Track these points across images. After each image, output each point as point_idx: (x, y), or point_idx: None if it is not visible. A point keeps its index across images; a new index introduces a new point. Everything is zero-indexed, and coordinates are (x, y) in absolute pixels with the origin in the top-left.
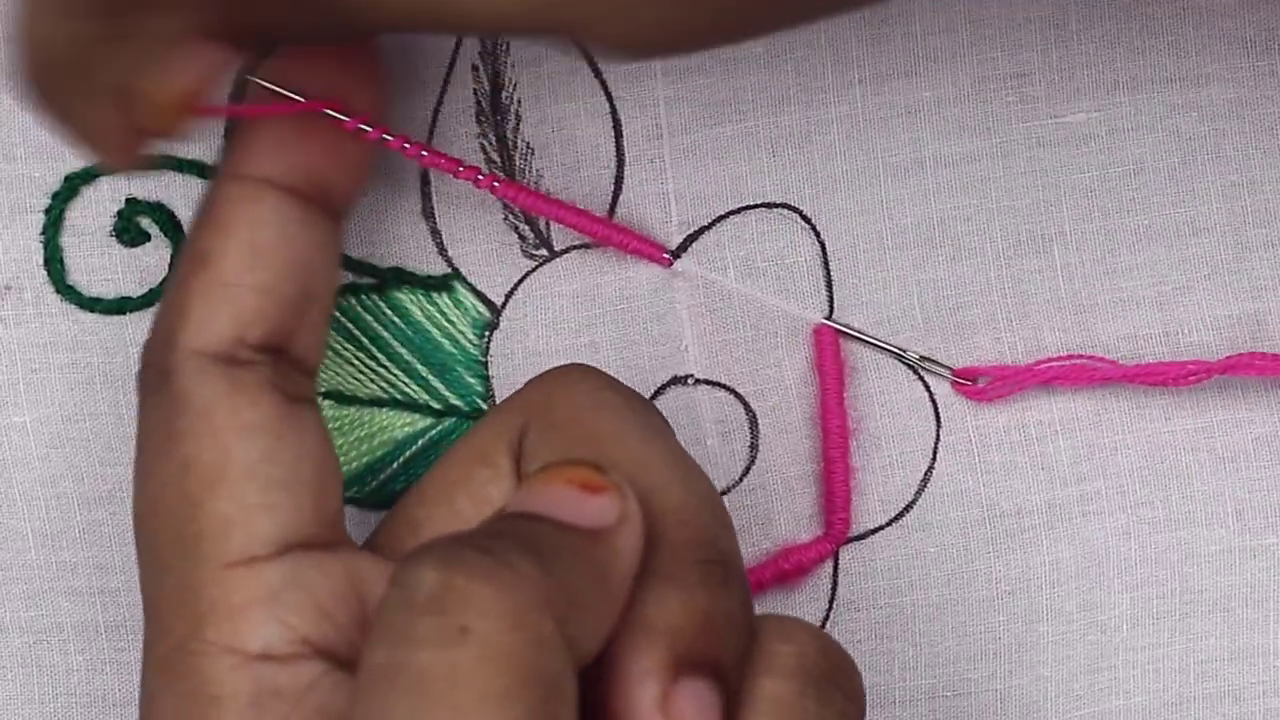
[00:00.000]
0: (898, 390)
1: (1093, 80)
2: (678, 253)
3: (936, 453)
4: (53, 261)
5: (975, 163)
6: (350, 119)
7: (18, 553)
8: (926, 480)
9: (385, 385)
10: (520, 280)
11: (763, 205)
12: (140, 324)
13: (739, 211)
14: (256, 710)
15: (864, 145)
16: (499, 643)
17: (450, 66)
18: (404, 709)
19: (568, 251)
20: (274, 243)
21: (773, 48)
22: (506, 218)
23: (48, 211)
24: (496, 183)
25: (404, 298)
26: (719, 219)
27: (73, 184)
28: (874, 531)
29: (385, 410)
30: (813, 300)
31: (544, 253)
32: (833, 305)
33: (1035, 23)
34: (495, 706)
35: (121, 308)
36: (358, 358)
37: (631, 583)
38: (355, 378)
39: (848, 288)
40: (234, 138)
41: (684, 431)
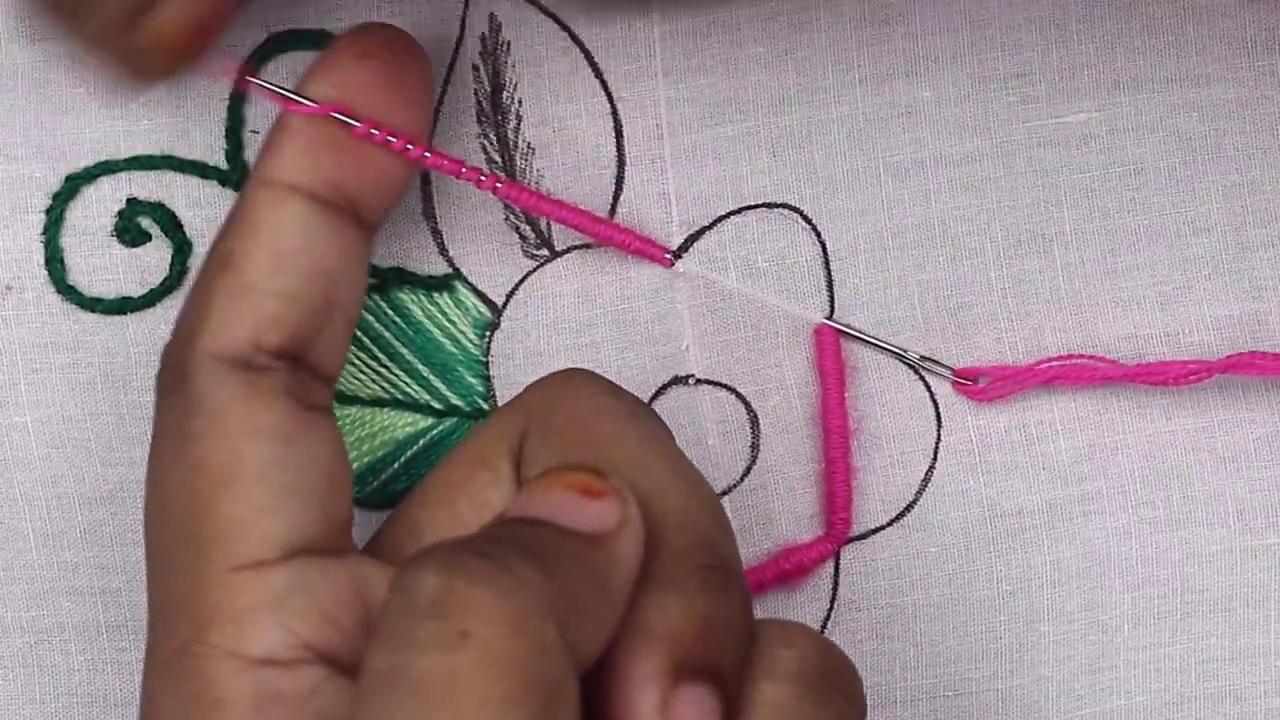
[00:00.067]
0: (898, 390)
1: (1093, 80)
2: (679, 253)
3: (937, 452)
4: (53, 261)
5: (976, 163)
6: (360, 124)
7: (19, 553)
8: (927, 480)
9: (386, 385)
10: (521, 280)
11: (763, 205)
12: (141, 324)
13: (740, 212)
14: (258, 715)
15: (865, 145)
16: (500, 647)
17: (451, 67)
18: (404, 713)
19: (569, 251)
20: (298, 249)
21: (774, 48)
22: (507, 218)
23: (48, 211)
24: (498, 183)
25: (405, 298)
26: (720, 219)
27: (73, 184)
28: (875, 531)
29: (386, 410)
30: (814, 300)
31: (545, 253)
32: (833, 305)
33: (1036, 23)
34: (496, 711)
35: (122, 308)
36: (359, 358)
37: (632, 587)
38: (356, 378)
39: (849, 288)
40: (265, 144)
41: (685, 432)
